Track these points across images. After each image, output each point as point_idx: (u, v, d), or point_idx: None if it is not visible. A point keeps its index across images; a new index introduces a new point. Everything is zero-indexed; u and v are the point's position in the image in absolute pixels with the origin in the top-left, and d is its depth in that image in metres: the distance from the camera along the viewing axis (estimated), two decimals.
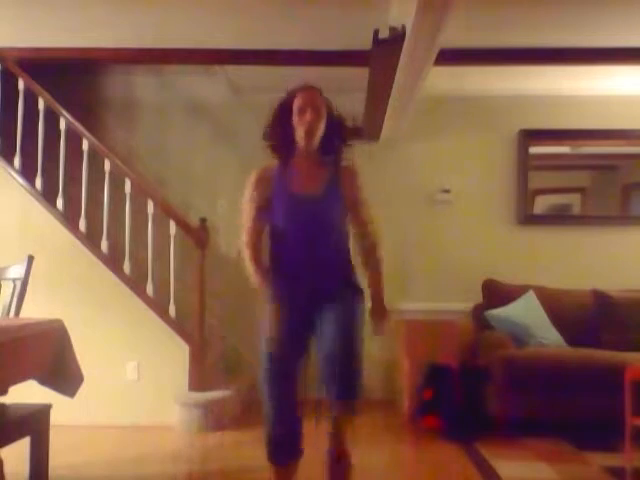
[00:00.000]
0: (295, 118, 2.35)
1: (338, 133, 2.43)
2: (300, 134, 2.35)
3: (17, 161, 4.25)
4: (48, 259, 3.81)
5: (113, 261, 4.22)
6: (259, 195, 2.40)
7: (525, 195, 5.05)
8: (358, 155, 2.46)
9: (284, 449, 2.37)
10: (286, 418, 2.35)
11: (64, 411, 2.89)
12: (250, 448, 3.31)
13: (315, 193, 2.38)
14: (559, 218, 5.16)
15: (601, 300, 4.52)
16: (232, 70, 4.71)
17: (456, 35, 3.45)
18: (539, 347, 4.16)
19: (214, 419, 4.01)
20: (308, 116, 2.32)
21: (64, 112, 4.26)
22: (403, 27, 3.23)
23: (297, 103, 2.36)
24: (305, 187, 2.38)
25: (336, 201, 2.40)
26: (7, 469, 2.35)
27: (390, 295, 4.81)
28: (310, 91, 2.39)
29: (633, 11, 3.60)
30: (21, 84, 4.28)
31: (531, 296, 4.50)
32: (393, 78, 3.74)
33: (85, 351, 2.80)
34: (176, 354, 4.11)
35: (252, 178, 2.43)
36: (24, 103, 4.28)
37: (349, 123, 2.49)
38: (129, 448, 3.66)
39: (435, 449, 3.63)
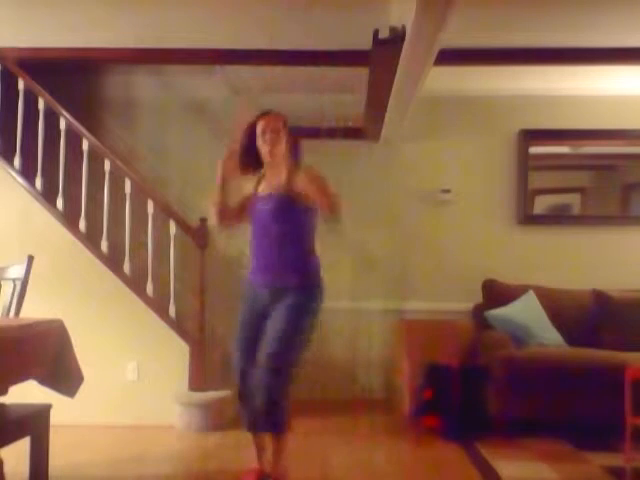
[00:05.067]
0: (259, 140, 2.74)
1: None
2: (265, 153, 2.74)
3: (17, 161, 4.25)
4: (48, 259, 3.81)
5: (113, 261, 4.22)
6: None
7: (525, 195, 5.05)
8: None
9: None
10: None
11: (64, 411, 2.89)
12: (250, 448, 3.29)
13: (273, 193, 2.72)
14: (559, 218, 5.16)
15: (601, 300, 4.52)
16: (232, 70, 4.70)
17: (456, 35, 3.44)
18: (539, 347, 4.16)
19: (214, 419, 4.01)
20: (268, 136, 2.71)
21: (64, 112, 4.26)
22: (403, 27, 3.23)
23: (259, 128, 2.74)
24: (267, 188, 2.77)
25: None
26: (7, 469, 2.35)
27: (391, 295, 4.94)
28: (268, 116, 2.76)
29: (633, 11, 3.60)
30: (21, 84, 4.28)
31: (531, 296, 4.50)
32: (393, 78, 3.74)
33: (85, 351, 2.79)
34: (176, 354, 4.12)
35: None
36: (24, 103, 4.28)
37: (347, 124, 2.59)
38: (129, 448, 3.66)
39: (435, 449, 3.63)
